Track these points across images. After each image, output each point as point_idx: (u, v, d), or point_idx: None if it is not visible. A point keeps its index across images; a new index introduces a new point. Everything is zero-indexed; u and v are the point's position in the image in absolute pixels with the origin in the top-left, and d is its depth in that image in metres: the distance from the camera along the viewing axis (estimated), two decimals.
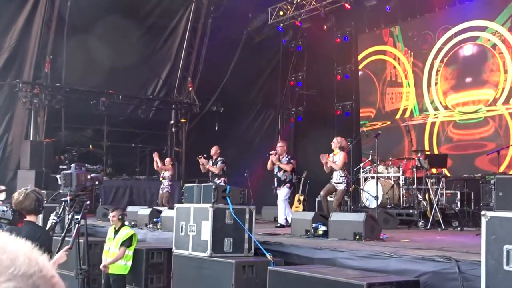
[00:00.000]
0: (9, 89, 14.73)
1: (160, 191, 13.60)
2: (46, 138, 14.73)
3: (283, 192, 10.80)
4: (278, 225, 10.51)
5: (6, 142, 14.61)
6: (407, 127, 11.51)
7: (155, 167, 13.92)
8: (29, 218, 4.40)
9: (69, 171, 5.87)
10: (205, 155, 12.43)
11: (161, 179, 13.73)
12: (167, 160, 14.01)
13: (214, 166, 12.10)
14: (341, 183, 9.90)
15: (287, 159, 10.88)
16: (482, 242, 4.04)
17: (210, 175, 12.27)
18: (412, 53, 15.78)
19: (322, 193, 10.28)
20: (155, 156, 13.87)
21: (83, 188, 5.72)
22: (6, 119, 14.74)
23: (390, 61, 16.43)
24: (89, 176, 5.80)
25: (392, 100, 16.34)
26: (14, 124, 14.83)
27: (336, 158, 10.06)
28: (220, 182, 11.34)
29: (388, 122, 16.16)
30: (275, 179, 10.90)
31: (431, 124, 14.94)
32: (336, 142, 10.23)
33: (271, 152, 10.92)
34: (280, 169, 10.81)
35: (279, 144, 11.10)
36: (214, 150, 12.33)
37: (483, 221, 4.07)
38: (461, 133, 14.30)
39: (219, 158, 12.20)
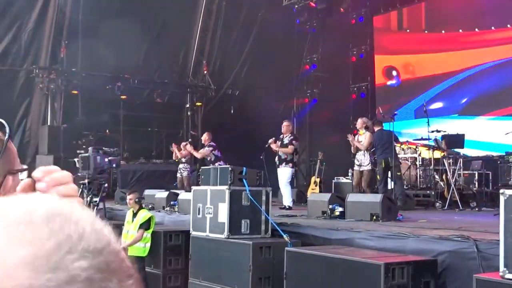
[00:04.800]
0: (26, 75, 14.84)
1: (179, 175, 13.64)
2: (64, 123, 14.85)
3: (285, 172, 10.58)
4: (286, 207, 10.23)
5: (24, 128, 14.75)
6: (424, 107, 11.39)
7: (174, 158, 13.98)
8: None
9: (86, 154, 5.93)
10: (190, 140, 12.70)
11: (175, 159, 13.82)
12: (183, 144, 14.03)
13: (197, 151, 12.45)
14: (367, 163, 9.99)
15: (290, 139, 10.81)
16: (500, 221, 4.00)
17: (205, 160, 12.42)
18: None
19: (355, 184, 10.39)
20: (174, 148, 13.95)
21: (101, 170, 5.78)
22: (24, 105, 14.87)
23: None
24: (106, 159, 5.85)
25: None
26: (32, 110, 14.97)
27: (362, 138, 10.10)
28: None
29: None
30: (276, 157, 10.82)
31: None
32: (361, 122, 10.28)
33: (269, 142, 10.84)
34: (281, 147, 10.73)
35: (284, 123, 11.01)
36: (205, 136, 12.60)
37: (502, 199, 4.03)
38: None
39: (208, 144, 12.39)
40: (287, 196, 10.54)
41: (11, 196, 0.53)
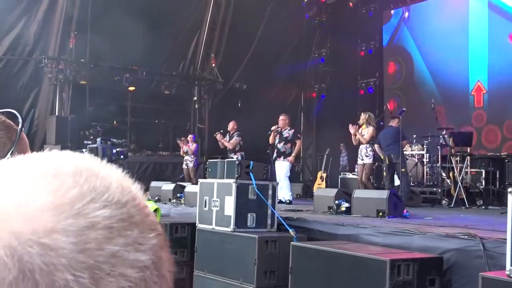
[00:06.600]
0: (35, 64, 14.88)
1: (185, 166, 13.66)
2: (71, 113, 14.91)
3: (283, 166, 10.53)
4: (287, 201, 10.15)
5: (32, 118, 14.81)
6: (432, 103, 11.35)
7: (182, 154, 13.95)
8: None
9: (95, 145, 5.94)
10: (221, 131, 12.45)
11: (183, 154, 13.81)
12: (190, 137, 14.04)
13: (228, 141, 12.10)
14: (368, 156, 9.97)
15: (290, 132, 10.76)
16: (508, 219, 3.99)
17: (228, 150, 12.25)
18: None
19: (359, 179, 10.46)
20: (181, 144, 13.94)
21: (109, 161, 5.77)
22: (33, 95, 14.92)
23: None
24: (114, 150, 5.86)
25: None
26: (40, 100, 15.02)
27: (364, 132, 10.13)
28: (236, 157, 11.23)
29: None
30: (275, 150, 10.78)
31: None
32: (363, 117, 10.29)
33: (272, 129, 10.85)
34: (280, 140, 10.70)
35: (281, 117, 10.97)
36: (231, 125, 12.29)
37: (510, 198, 4.02)
38: None
39: (236, 133, 12.16)
40: (286, 190, 10.50)
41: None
